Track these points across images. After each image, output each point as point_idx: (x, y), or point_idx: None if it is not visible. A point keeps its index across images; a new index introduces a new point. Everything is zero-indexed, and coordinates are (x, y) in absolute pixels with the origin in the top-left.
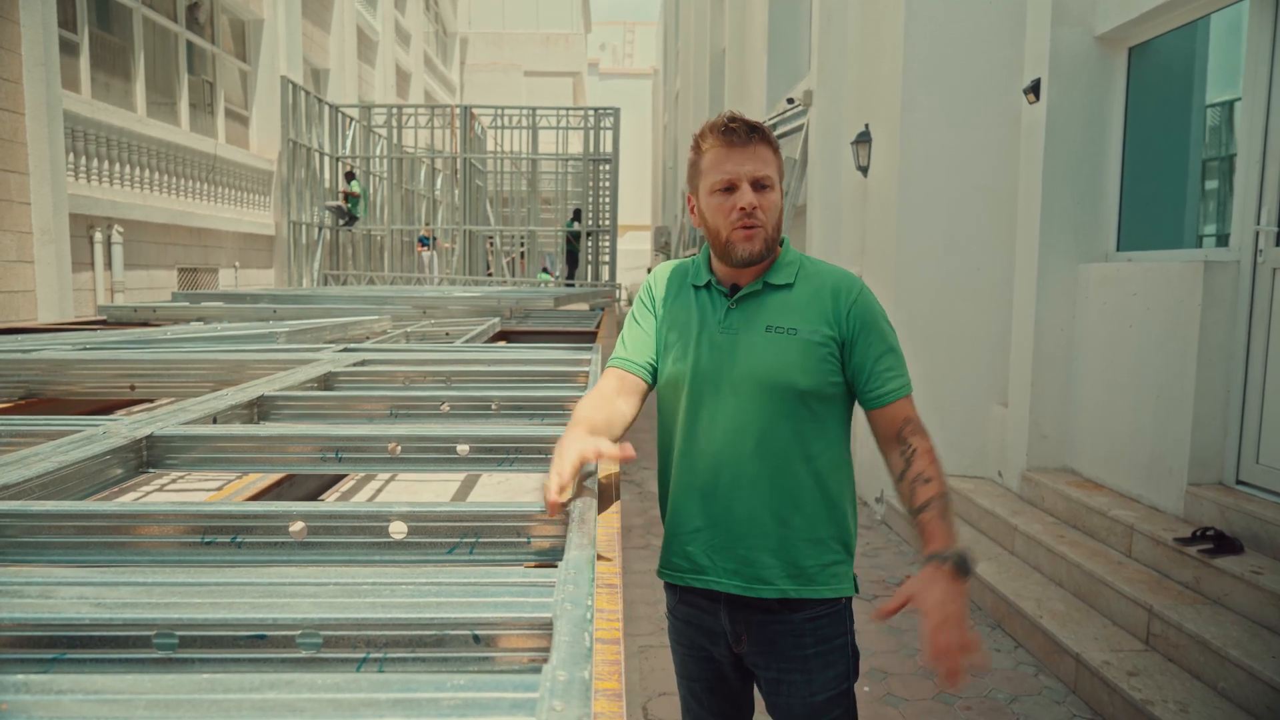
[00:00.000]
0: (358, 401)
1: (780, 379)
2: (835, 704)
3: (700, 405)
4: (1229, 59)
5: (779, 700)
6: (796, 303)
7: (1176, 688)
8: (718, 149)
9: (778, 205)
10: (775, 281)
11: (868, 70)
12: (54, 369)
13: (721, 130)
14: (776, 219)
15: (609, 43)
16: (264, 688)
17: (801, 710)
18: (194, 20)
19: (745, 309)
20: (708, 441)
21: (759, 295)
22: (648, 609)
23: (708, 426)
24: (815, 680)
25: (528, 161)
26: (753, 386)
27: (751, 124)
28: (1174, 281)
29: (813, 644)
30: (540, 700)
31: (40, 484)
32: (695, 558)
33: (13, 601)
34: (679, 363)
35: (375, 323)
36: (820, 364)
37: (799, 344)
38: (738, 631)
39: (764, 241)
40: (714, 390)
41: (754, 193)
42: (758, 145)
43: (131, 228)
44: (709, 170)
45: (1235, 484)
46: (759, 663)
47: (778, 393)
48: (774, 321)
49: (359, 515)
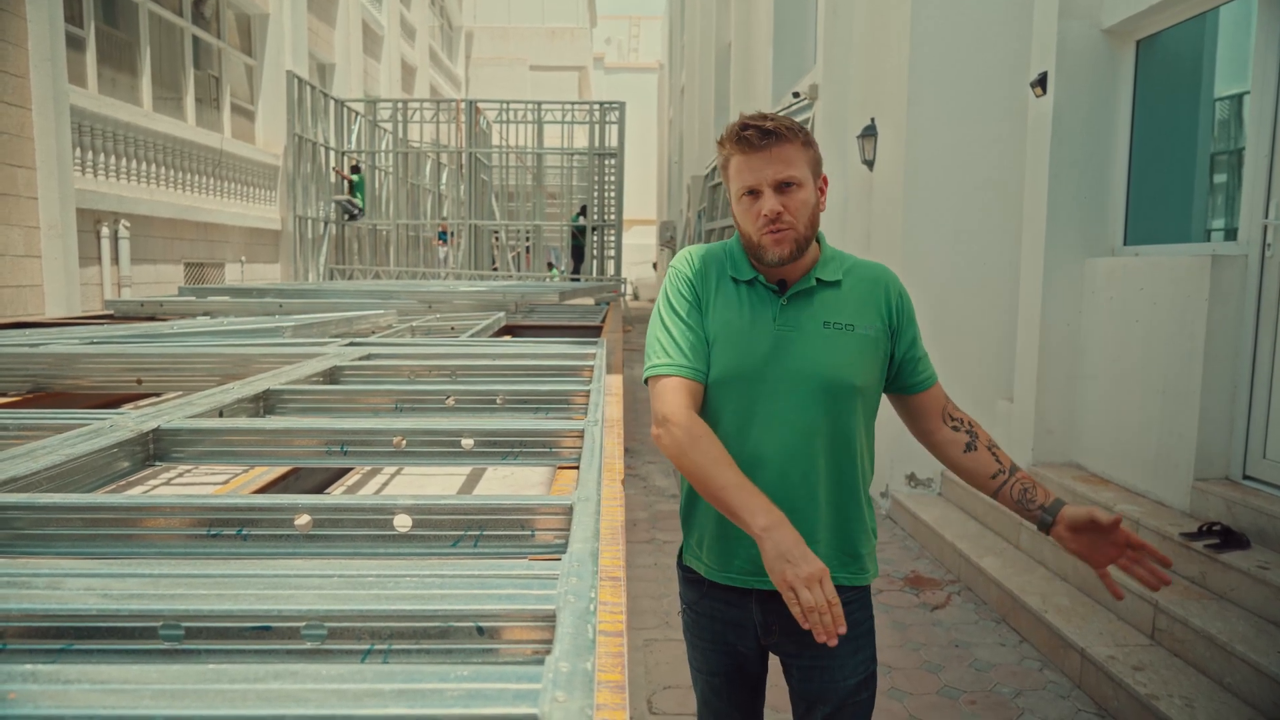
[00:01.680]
0: (363, 395)
1: (840, 375)
2: (864, 686)
3: (757, 403)
4: (1238, 52)
5: (810, 687)
6: (848, 298)
7: (1182, 682)
8: (737, 156)
9: (808, 203)
10: (826, 278)
11: (873, 64)
12: (61, 363)
13: (737, 137)
14: (808, 216)
15: (614, 37)
16: (269, 678)
17: (834, 695)
18: (200, 15)
19: (798, 305)
20: (769, 441)
21: (811, 292)
22: (652, 603)
23: (765, 424)
24: (846, 665)
25: (533, 156)
26: (816, 384)
27: (768, 127)
28: (1181, 276)
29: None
30: (543, 691)
31: (48, 477)
32: (758, 560)
33: (21, 593)
34: (732, 360)
35: (381, 317)
36: (874, 358)
37: (856, 339)
38: (769, 623)
39: (794, 243)
40: (772, 388)
41: (778, 195)
42: (777, 146)
43: (138, 223)
44: (733, 177)
45: (1242, 479)
46: (790, 651)
47: (837, 389)
48: (830, 318)
49: (364, 508)
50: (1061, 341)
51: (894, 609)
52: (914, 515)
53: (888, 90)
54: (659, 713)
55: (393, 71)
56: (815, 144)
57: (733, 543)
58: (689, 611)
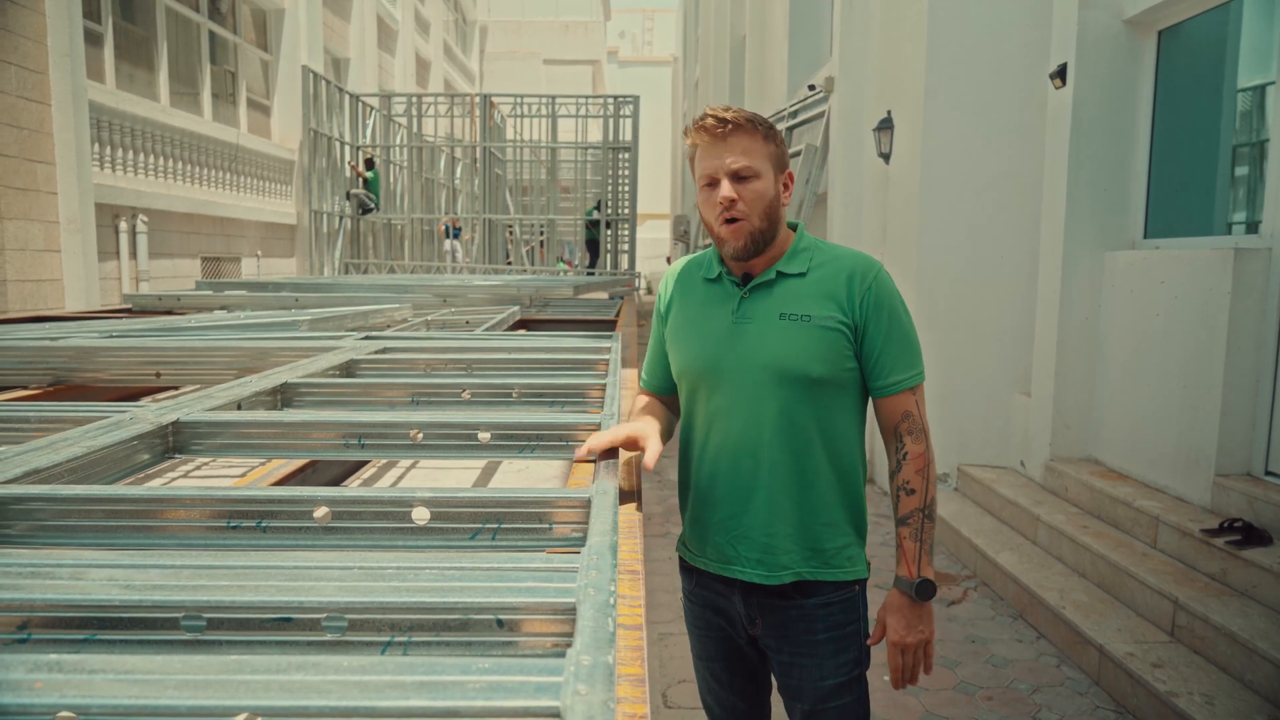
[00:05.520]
0: (379, 388)
1: (794, 366)
2: (846, 690)
3: (717, 394)
4: (1261, 42)
5: (790, 683)
6: (810, 289)
7: (1202, 680)
8: (701, 145)
9: (764, 194)
10: (788, 270)
11: (890, 56)
12: (81, 356)
13: (699, 127)
14: (764, 208)
15: (628, 30)
16: (290, 669)
17: (811, 694)
18: (216, 10)
19: (758, 298)
20: (726, 431)
21: (772, 284)
22: (667, 596)
23: (725, 416)
24: (826, 665)
25: (547, 150)
26: (768, 374)
27: (727, 117)
28: (1203, 269)
29: (824, 630)
30: (565, 684)
31: (69, 468)
32: (722, 548)
33: (45, 583)
34: (693, 354)
35: (396, 311)
36: (833, 350)
37: (812, 330)
38: (752, 615)
39: (748, 235)
40: (730, 379)
41: (734, 184)
42: (736, 136)
43: (156, 217)
44: (696, 166)
45: (1264, 475)
46: (772, 645)
47: (792, 380)
48: (787, 309)
49: (382, 501)
50: (1080, 335)
51: None
52: None
53: (904, 83)
54: (674, 706)
55: (407, 66)
56: (779, 139)
57: (703, 528)
58: (686, 600)
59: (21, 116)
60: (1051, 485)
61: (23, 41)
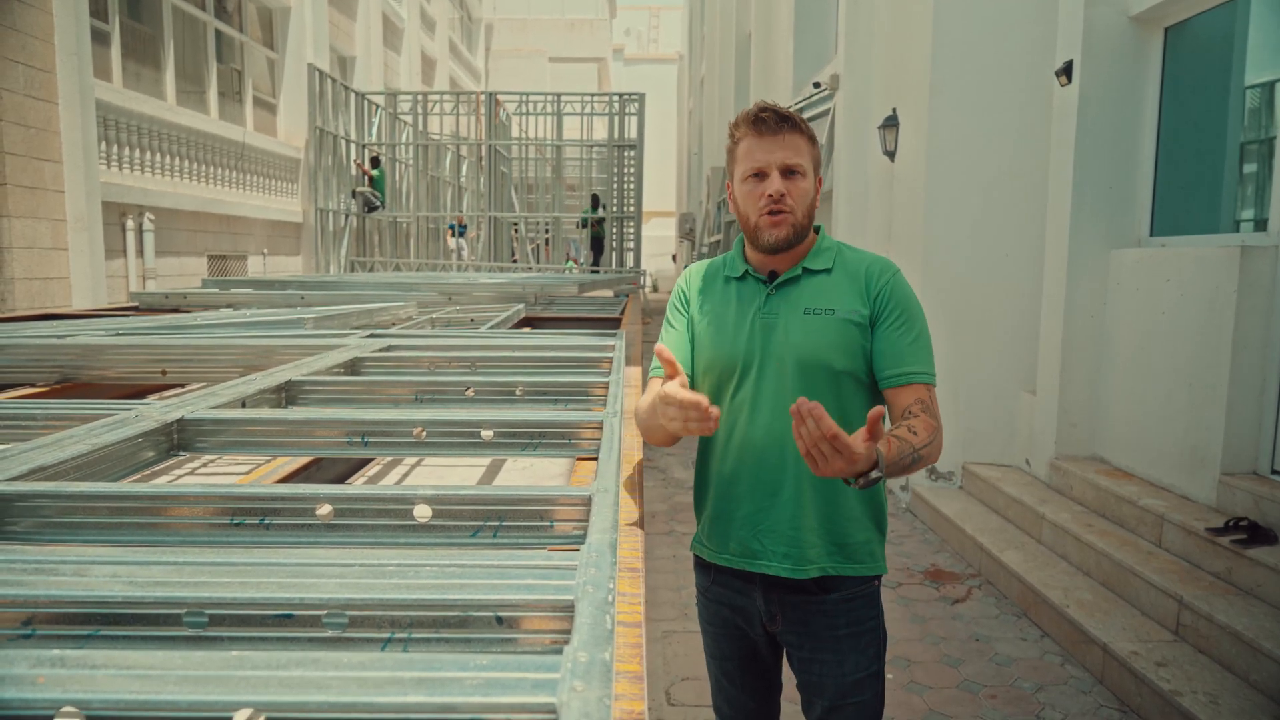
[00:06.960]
0: (384, 386)
1: (819, 358)
2: (866, 685)
3: (742, 389)
4: (1269, 38)
5: (810, 679)
6: (833, 285)
7: (1207, 679)
8: (750, 138)
9: (808, 193)
10: (814, 267)
11: (895, 54)
12: (88, 354)
13: (753, 120)
14: (807, 206)
15: (634, 28)
16: (291, 665)
17: (833, 689)
18: (222, 9)
19: (784, 294)
20: (752, 425)
21: (797, 280)
22: (670, 594)
23: (751, 410)
24: (847, 661)
25: (552, 148)
26: (793, 367)
27: (783, 113)
28: (1210, 267)
29: (845, 625)
30: (561, 680)
31: (75, 466)
32: (746, 542)
33: (49, 579)
34: (718, 349)
35: (401, 309)
36: (854, 344)
37: (836, 323)
38: (772, 611)
39: (791, 228)
40: (756, 374)
41: (783, 180)
42: (788, 134)
43: (162, 215)
44: (742, 158)
45: (1270, 473)
46: (792, 641)
47: (817, 372)
48: (812, 304)
49: (384, 498)
50: (1086, 333)
51: (914, 602)
52: (934, 508)
53: (910, 80)
54: (677, 704)
55: (413, 64)
56: (818, 144)
57: (725, 524)
58: (701, 597)
59: (29, 115)
60: (1056, 484)
61: (30, 40)
